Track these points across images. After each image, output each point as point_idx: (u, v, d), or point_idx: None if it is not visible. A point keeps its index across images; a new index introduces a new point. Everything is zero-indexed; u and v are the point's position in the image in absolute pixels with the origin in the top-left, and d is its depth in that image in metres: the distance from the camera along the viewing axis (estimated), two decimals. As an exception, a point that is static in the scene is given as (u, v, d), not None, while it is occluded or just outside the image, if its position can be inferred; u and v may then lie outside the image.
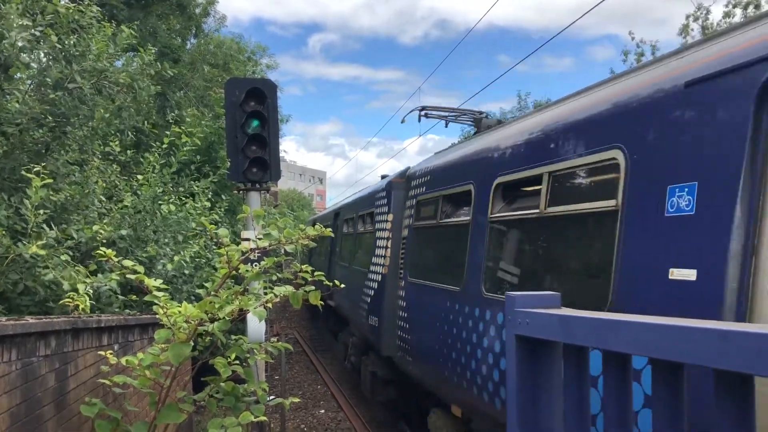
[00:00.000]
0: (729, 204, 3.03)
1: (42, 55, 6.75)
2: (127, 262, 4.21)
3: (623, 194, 3.95)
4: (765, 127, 3.01)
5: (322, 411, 11.92)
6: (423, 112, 10.02)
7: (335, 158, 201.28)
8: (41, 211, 5.32)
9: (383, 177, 11.64)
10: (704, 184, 3.22)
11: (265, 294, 4.41)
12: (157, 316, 4.18)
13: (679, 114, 3.54)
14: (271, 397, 5.36)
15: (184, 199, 9.16)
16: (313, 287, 4.34)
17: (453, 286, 6.53)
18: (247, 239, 5.86)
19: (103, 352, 4.36)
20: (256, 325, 6.26)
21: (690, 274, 3.21)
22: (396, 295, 8.55)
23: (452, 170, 7.19)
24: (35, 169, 5.20)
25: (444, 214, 7.26)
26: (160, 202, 8.20)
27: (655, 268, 3.50)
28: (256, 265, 4.80)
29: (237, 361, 4.60)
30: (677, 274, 3.28)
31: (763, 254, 2.88)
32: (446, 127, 10.54)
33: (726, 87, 3.22)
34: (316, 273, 4.47)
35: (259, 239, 4.43)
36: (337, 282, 4.93)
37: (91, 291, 5.01)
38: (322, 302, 4.40)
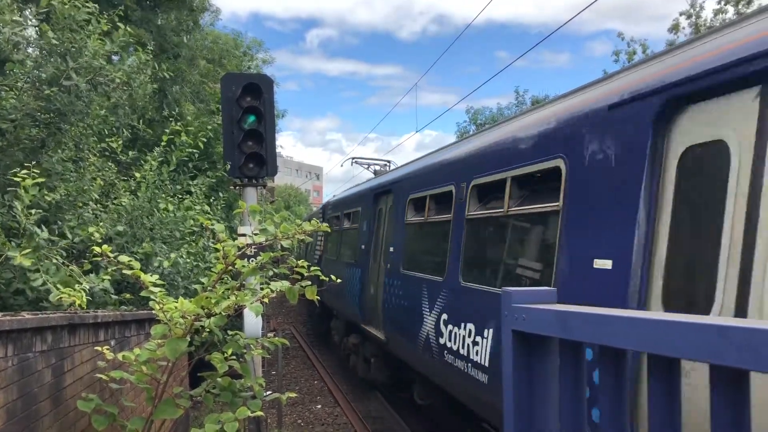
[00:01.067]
0: (374, 228, 10.74)
1: (37, 51, 6.71)
2: (123, 258, 4.19)
3: (360, 221, 11.70)
4: (379, 206, 11.18)
5: (319, 406, 11.93)
6: (354, 160, 19.21)
7: (333, 153, 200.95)
8: (33, 211, 5.26)
9: (331, 198, 19.14)
10: (363, 214, 11.66)
11: (262, 289, 4.40)
12: (153, 311, 4.17)
13: (365, 200, 11.77)
14: (268, 393, 5.36)
15: (181, 197, 9.13)
16: (309, 282, 4.34)
17: (333, 258, 14.35)
18: (244, 235, 5.85)
19: (99, 348, 4.35)
20: (252, 321, 6.25)
21: (393, 247, 9.44)
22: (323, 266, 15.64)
23: (338, 204, 15.28)
24: (22, 172, 5.13)
25: (335, 225, 14.50)
26: (158, 200, 8.18)
27: (369, 245, 10.80)
28: (252, 261, 4.79)
29: (234, 357, 4.59)
30: (390, 247, 9.45)
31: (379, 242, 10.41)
32: (367, 169, 18.26)
33: (375, 194, 11.25)
34: (312, 268, 4.46)
35: (256, 235, 4.42)
36: (333, 277, 5.04)
37: (86, 290, 4.98)
38: (318, 297, 4.40)
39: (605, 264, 3.94)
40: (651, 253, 3.64)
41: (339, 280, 5.49)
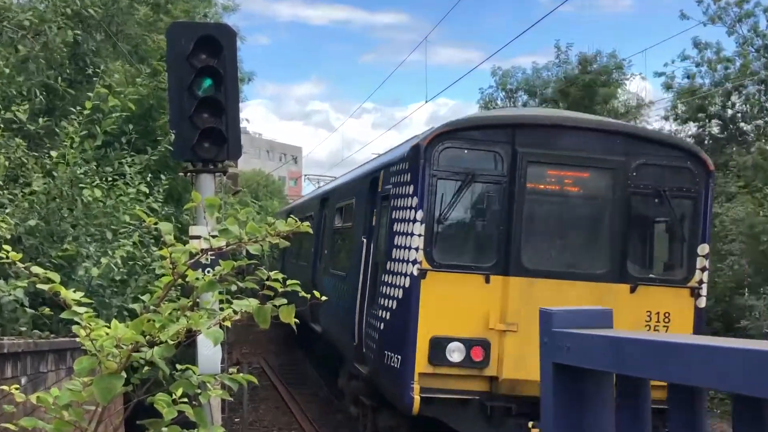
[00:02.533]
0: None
1: None
2: (37, 269, 4.21)
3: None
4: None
5: (297, 464, 12.00)
6: (305, 177, 47.85)
7: (317, 129, 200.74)
8: None
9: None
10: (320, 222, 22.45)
11: (222, 309, 4.42)
12: (77, 339, 4.19)
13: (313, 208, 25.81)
14: (230, 446, 5.39)
15: (112, 180, 9.09)
16: (284, 300, 4.35)
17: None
18: (198, 237, 5.87)
19: (6, 387, 4.37)
20: (209, 351, 6.28)
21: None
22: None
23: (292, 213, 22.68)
24: None
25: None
26: (81, 185, 8.16)
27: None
28: (209, 271, 4.81)
29: (184, 399, 4.62)
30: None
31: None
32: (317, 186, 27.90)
33: None
34: (289, 282, 4.48)
35: (213, 237, 4.44)
36: (317, 293, 5.04)
37: None
38: (296, 320, 4.41)
39: None
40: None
41: (324, 298, 5.61)
